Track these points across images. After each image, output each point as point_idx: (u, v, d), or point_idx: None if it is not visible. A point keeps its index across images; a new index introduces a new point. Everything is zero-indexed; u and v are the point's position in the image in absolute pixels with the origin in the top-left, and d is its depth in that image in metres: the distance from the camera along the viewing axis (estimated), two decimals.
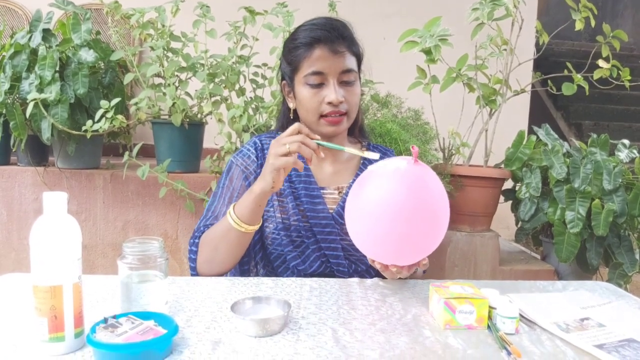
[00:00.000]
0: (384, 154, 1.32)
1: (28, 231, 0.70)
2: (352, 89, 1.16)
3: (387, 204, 0.92)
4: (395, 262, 0.98)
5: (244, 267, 1.22)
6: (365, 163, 1.28)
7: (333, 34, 1.12)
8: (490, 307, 0.87)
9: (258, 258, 1.20)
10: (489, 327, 0.85)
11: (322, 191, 1.21)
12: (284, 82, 1.24)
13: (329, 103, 1.12)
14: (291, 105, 1.23)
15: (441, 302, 0.85)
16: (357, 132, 1.32)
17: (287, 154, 0.98)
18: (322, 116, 1.14)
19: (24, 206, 2.30)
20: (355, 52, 1.18)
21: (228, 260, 1.12)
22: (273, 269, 1.20)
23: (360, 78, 1.22)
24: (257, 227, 1.09)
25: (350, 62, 1.15)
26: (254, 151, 1.23)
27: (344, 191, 1.22)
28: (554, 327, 0.86)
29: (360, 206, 0.95)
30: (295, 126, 1.01)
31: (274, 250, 1.17)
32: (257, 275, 1.22)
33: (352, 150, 1.04)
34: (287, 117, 1.25)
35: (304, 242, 1.17)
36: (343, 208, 1.19)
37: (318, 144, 1.01)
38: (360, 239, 0.98)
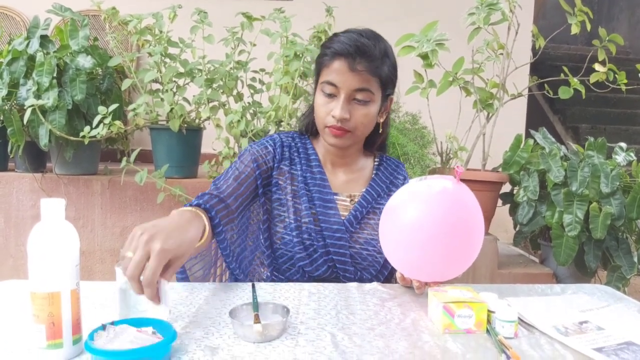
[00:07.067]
0: (397, 167, 1.33)
1: (26, 237, 0.70)
2: (363, 108, 1.15)
3: (432, 224, 0.93)
4: (430, 280, 0.99)
5: (248, 268, 1.22)
6: (379, 174, 1.28)
7: (355, 52, 1.12)
8: (489, 311, 0.87)
9: (264, 257, 1.21)
10: (487, 331, 0.85)
11: (334, 197, 1.21)
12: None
13: (334, 116, 1.14)
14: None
15: (440, 307, 0.85)
16: (374, 148, 1.32)
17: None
18: (327, 126, 1.16)
19: (22, 212, 2.29)
20: (378, 74, 1.15)
21: None
22: (278, 266, 1.20)
23: (387, 100, 1.22)
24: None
25: (368, 81, 1.14)
26: (272, 143, 1.24)
27: (356, 199, 1.23)
28: (553, 330, 0.86)
29: (403, 224, 0.96)
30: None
31: (282, 248, 1.18)
32: (262, 274, 1.23)
33: None
34: (312, 118, 1.25)
35: (313, 245, 1.17)
36: (355, 216, 1.20)
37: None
38: (397, 255, 0.99)
